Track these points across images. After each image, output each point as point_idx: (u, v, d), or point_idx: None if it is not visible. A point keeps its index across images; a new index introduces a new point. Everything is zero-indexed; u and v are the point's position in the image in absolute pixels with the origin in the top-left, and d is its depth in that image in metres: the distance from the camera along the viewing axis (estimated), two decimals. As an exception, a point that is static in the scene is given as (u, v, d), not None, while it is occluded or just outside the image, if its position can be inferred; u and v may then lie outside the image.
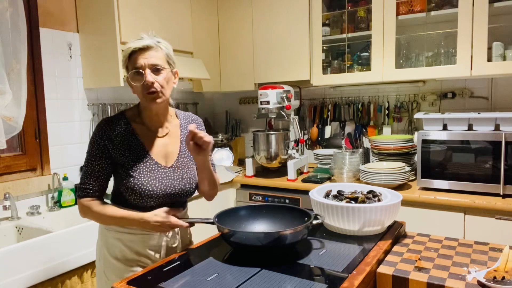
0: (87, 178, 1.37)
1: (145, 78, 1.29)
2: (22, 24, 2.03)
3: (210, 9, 3.07)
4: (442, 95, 2.65)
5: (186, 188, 1.43)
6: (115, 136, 1.36)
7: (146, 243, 1.39)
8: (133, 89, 1.36)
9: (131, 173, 1.35)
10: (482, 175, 2.06)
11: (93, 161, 1.37)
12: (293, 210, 1.40)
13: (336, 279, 1.05)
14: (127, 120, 1.40)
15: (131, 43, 1.33)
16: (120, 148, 1.36)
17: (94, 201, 1.36)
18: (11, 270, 1.65)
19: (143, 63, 1.30)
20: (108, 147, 1.36)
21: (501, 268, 1.08)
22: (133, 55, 1.31)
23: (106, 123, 1.38)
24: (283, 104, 2.61)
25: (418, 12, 2.40)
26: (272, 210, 1.42)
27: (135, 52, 1.30)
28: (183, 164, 1.44)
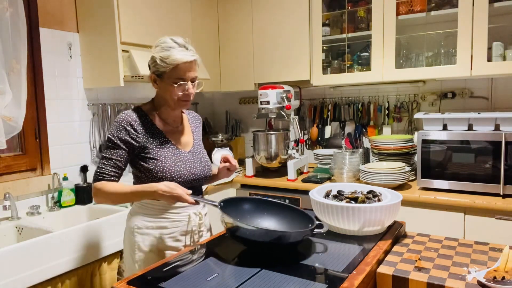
0: (105, 164, 1.45)
1: (188, 90, 1.46)
2: (22, 24, 2.03)
3: (210, 9, 3.07)
4: (442, 95, 2.65)
5: (205, 170, 1.61)
6: (137, 125, 1.47)
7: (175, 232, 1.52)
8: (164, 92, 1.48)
9: (158, 158, 1.47)
10: (482, 175, 2.06)
11: (113, 148, 1.46)
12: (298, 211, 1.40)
13: (336, 279, 1.05)
14: (145, 113, 1.53)
15: (178, 52, 1.43)
16: (144, 135, 1.48)
17: (107, 183, 1.44)
18: (11, 270, 1.65)
19: (188, 75, 1.45)
20: (131, 135, 1.46)
21: (501, 268, 1.08)
22: (180, 66, 1.43)
23: (126, 114, 1.49)
24: (283, 104, 2.61)
25: (418, 12, 2.40)
26: (277, 207, 1.43)
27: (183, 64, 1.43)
28: (198, 150, 1.62)
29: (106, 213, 2.23)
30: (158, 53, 1.44)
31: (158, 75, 1.47)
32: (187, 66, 1.44)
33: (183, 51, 1.43)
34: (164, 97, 1.50)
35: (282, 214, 1.41)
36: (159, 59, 1.43)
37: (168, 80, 1.45)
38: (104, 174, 1.44)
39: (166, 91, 1.48)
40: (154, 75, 1.48)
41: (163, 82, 1.47)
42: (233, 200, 1.40)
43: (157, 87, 1.51)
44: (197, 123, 1.73)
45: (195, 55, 1.46)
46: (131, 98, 2.86)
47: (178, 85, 1.44)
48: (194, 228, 1.56)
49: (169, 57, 1.42)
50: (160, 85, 1.49)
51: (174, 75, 1.43)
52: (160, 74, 1.46)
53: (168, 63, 1.42)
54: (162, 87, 1.48)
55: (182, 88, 1.46)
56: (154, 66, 1.47)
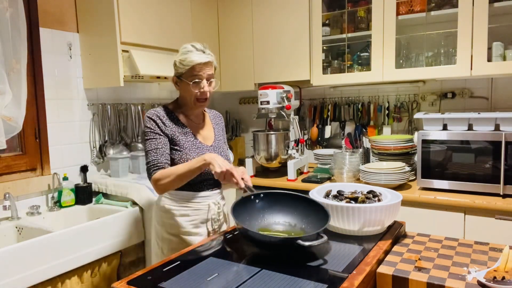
0: (153, 155, 1.58)
1: (203, 88, 1.61)
2: (22, 24, 2.03)
3: (210, 9, 3.07)
4: (442, 95, 2.65)
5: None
6: (164, 119, 1.64)
7: (196, 220, 1.66)
8: (184, 91, 1.64)
9: (184, 151, 1.63)
10: (482, 175, 2.06)
11: (154, 140, 1.60)
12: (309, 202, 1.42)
13: (336, 279, 1.05)
14: (170, 110, 1.69)
15: (194, 55, 1.58)
16: (170, 128, 1.64)
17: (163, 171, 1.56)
18: (11, 270, 1.65)
19: (202, 74, 1.60)
20: (162, 128, 1.62)
21: (501, 268, 1.08)
22: (195, 66, 1.59)
23: (155, 110, 1.66)
24: (283, 104, 2.61)
25: (418, 12, 2.40)
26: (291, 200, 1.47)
27: (197, 65, 1.58)
28: (219, 145, 1.77)
29: (106, 213, 2.23)
30: (178, 57, 1.62)
31: (178, 77, 1.64)
32: (201, 66, 1.59)
33: (199, 54, 1.59)
34: (184, 97, 1.67)
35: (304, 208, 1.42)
36: (178, 61, 1.61)
37: (186, 80, 1.61)
38: (158, 164, 1.57)
39: (185, 91, 1.64)
40: (175, 77, 1.66)
41: (183, 83, 1.63)
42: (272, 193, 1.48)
43: (178, 88, 1.68)
44: (218, 120, 1.87)
45: (209, 57, 1.62)
46: (131, 98, 2.86)
47: (193, 83, 1.60)
48: (213, 217, 1.70)
49: (186, 59, 1.59)
50: (180, 86, 1.66)
51: (190, 74, 1.60)
52: (180, 76, 1.63)
53: (185, 64, 1.59)
54: (182, 88, 1.65)
55: (198, 86, 1.61)
56: (175, 69, 1.64)
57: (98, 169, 2.66)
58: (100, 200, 2.40)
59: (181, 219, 1.65)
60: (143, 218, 2.28)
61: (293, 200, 1.45)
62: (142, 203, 2.24)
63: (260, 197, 1.47)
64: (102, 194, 2.44)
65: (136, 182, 2.37)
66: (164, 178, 1.54)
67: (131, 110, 2.79)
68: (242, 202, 1.42)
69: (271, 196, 1.48)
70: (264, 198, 1.47)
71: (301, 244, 1.15)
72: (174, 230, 1.66)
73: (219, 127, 1.85)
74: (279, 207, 1.45)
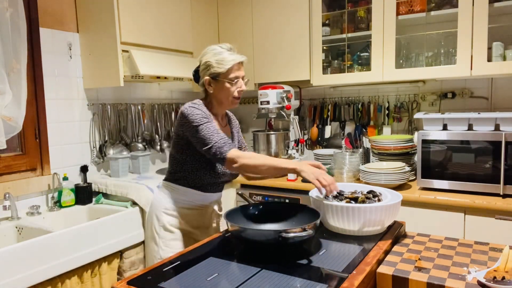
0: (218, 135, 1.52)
1: (241, 86, 1.63)
2: (22, 24, 2.03)
3: (210, 9, 3.07)
4: (442, 95, 2.65)
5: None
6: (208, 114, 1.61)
7: (200, 217, 1.69)
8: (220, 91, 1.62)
9: None
10: (482, 175, 2.06)
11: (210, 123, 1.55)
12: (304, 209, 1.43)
13: (336, 279, 1.05)
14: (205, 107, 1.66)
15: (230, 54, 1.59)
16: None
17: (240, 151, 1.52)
18: (11, 270, 1.65)
19: (240, 74, 1.63)
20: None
21: (501, 268, 1.08)
22: (234, 65, 1.60)
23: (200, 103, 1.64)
24: (283, 104, 2.61)
25: (418, 12, 2.40)
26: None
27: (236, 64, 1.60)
28: (239, 148, 1.80)
29: (106, 213, 2.23)
30: (212, 57, 1.60)
31: (213, 77, 1.61)
32: (238, 65, 1.62)
33: (233, 54, 1.61)
34: (219, 97, 1.65)
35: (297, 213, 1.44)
36: (215, 61, 1.59)
37: (225, 80, 1.60)
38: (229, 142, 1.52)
39: (221, 91, 1.62)
40: (209, 78, 1.62)
41: (219, 83, 1.61)
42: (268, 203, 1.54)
43: (211, 89, 1.64)
44: (235, 124, 1.87)
45: (244, 56, 1.64)
46: (131, 98, 2.86)
47: (235, 83, 1.61)
48: (214, 218, 1.73)
49: (225, 59, 1.58)
50: (215, 86, 1.63)
51: (229, 74, 1.60)
52: (216, 76, 1.61)
53: (224, 63, 1.58)
54: (217, 88, 1.63)
55: (237, 85, 1.63)
56: (208, 70, 1.61)
57: (98, 169, 2.66)
58: (100, 200, 2.40)
59: (182, 215, 1.67)
60: (143, 218, 2.27)
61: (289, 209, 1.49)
62: (142, 203, 2.24)
63: (256, 207, 1.51)
64: (102, 194, 2.44)
65: (136, 182, 2.37)
66: (246, 158, 1.46)
67: (131, 110, 2.80)
68: (238, 209, 1.46)
69: (266, 205, 1.53)
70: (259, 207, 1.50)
71: (285, 236, 1.15)
72: (174, 226, 1.66)
73: (237, 129, 1.86)
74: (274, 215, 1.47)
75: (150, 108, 2.96)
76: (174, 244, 1.65)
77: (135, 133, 2.83)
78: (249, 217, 1.46)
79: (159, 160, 3.14)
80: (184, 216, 1.67)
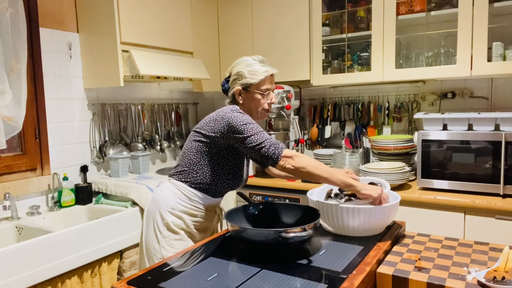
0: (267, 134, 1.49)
1: (272, 99, 1.65)
2: (22, 24, 2.03)
3: (210, 9, 3.07)
4: (442, 95, 2.65)
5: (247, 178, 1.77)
6: None
7: (202, 222, 1.66)
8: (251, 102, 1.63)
9: (240, 156, 1.63)
10: (482, 175, 2.06)
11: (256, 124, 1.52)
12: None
13: (336, 279, 1.05)
14: None
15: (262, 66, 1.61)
16: None
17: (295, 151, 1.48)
18: (11, 270, 1.65)
19: (272, 87, 1.65)
20: None
21: (501, 268, 1.08)
22: (266, 77, 1.61)
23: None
24: (283, 104, 2.61)
25: (418, 12, 2.40)
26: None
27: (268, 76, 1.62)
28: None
29: (106, 213, 2.24)
30: (245, 68, 1.61)
31: (245, 88, 1.62)
32: (270, 78, 1.63)
33: (265, 66, 1.63)
34: (248, 108, 1.64)
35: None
36: (248, 72, 1.60)
37: (256, 91, 1.61)
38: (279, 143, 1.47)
39: (252, 102, 1.63)
40: (240, 89, 1.63)
41: (250, 93, 1.62)
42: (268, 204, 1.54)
43: (242, 99, 1.65)
44: None
45: (275, 69, 1.65)
46: (131, 98, 2.86)
47: (267, 94, 1.63)
48: (219, 223, 1.73)
49: (258, 71, 1.60)
50: (245, 96, 1.64)
51: (261, 85, 1.61)
52: (248, 86, 1.62)
53: (258, 75, 1.60)
54: (248, 98, 1.63)
55: (268, 97, 1.64)
56: (240, 80, 1.62)
57: (98, 169, 2.66)
58: (100, 200, 2.40)
59: (187, 217, 1.63)
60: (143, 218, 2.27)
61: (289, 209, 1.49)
62: (142, 203, 2.24)
63: (256, 207, 1.51)
64: (102, 194, 2.44)
65: (136, 182, 2.37)
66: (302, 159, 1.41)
67: (131, 110, 2.80)
68: (238, 209, 1.46)
69: (266, 205, 1.52)
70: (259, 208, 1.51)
71: (285, 236, 1.15)
72: (178, 226, 1.63)
73: None
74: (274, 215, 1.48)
75: (150, 108, 2.96)
76: (177, 244, 1.61)
77: (135, 133, 2.83)
78: (249, 217, 1.46)
79: (159, 160, 3.14)
80: (189, 218, 1.64)
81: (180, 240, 1.62)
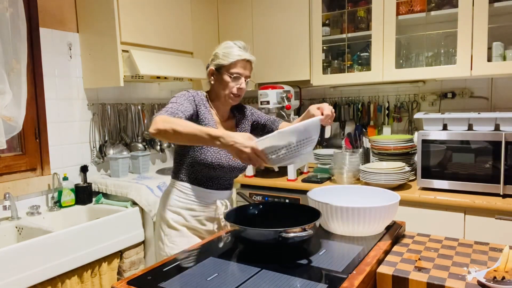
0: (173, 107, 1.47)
1: (240, 84, 1.61)
2: (22, 24, 2.03)
3: (210, 9, 3.07)
4: (442, 95, 2.65)
5: (242, 164, 1.70)
6: (200, 103, 1.62)
7: (201, 216, 1.67)
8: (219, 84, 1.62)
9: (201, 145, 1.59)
10: (482, 175, 2.06)
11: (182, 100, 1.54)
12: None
13: (336, 279, 1.05)
14: (207, 99, 1.67)
15: (238, 50, 1.59)
16: (203, 113, 1.61)
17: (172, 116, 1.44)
18: (11, 270, 1.65)
19: (243, 72, 1.61)
20: (196, 105, 1.60)
21: (501, 268, 1.08)
22: (238, 62, 1.59)
23: (196, 93, 1.64)
24: (283, 104, 2.61)
25: (418, 12, 2.40)
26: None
27: (241, 60, 1.59)
28: None
29: (106, 213, 2.23)
30: (221, 50, 1.61)
31: (217, 69, 1.62)
32: (244, 63, 1.60)
33: (242, 51, 1.60)
34: (217, 91, 1.64)
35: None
36: (221, 54, 1.59)
37: (226, 73, 1.59)
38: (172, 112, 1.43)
39: (221, 84, 1.62)
40: (213, 69, 1.63)
41: (220, 75, 1.61)
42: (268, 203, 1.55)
43: (213, 80, 1.65)
44: (247, 119, 1.80)
45: (252, 56, 1.63)
46: (131, 98, 2.86)
47: (234, 78, 1.59)
48: (220, 216, 1.68)
49: (232, 53, 1.58)
50: (216, 78, 1.63)
51: (231, 68, 1.59)
52: (220, 68, 1.61)
53: (229, 57, 1.58)
54: (217, 80, 1.63)
55: (237, 82, 1.60)
56: (214, 61, 1.62)
57: (98, 169, 2.66)
58: (100, 200, 2.40)
59: (186, 212, 1.65)
60: (143, 218, 2.28)
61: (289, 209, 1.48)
62: (142, 203, 2.24)
63: (256, 207, 1.50)
64: (102, 194, 2.44)
65: (136, 182, 2.38)
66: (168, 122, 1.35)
67: (131, 110, 2.80)
68: (238, 209, 1.45)
69: (266, 205, 1.52)
70: (259, 208, 1.50)
71: (285, 236, 1.15)
72: (178, 223, 1.65)
73: (245, 123, 1.78)
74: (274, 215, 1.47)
75: (150, 108, 2.96)
76: (179, 241, 1.63)
77: (135, 133, 2.83)
78: (249, 217, 1.46)
79: (159, 160, 3.14)
80: (187, 213, 1.66)
81: (181, 236, 1.64)
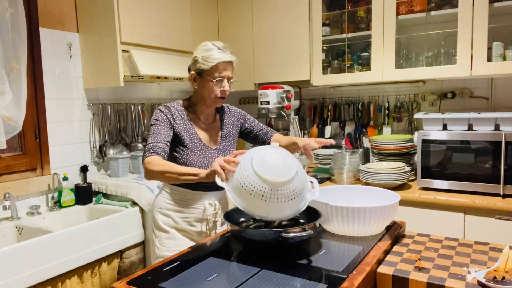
0: (154, 139, 1.56)
1: (224, 87, 1.62)
2: (22, 24, 2.03)
3: (210, 9, 3.07)
4: (442, 95, 2.65)
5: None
6: (176, 117, 1.64)
7: (190, 218, 1.67)
8: (203, 88, 1.62)
9: (185, 151, 1.63)
10: (482, 175, 2.06)
11: (160, 127, 1.59)
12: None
13: (336, 279, 1.05)
14: (183, 108, 1.69)
15: (218, 52, 1.58)
16: (179, 127, 1.63)
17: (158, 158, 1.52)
18: (11, 270, 1.65)
19: (225, 74, 1.61)
20: (168, 118, 1.63)
21: (501, 268, 1.08)
22: (219, 64, 1.58)
23: (167, 106, 1.66)
24: (283, 104, 2.61)
25: (418, 12, 2.40)
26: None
27: (221, 63, 1.59)
28: (224, 147, 1.75)
29: (106, 213, 2.23)
30: (200, 53, 1.60)
31: (199, 73, 1.62)
32: (225, 65, 1.60)
33: (222, 52, 1.59)
34: (202, 94, 1.65)
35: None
36: (201, 58, 1.59)
37: (208, 77, 1.60)
38: (155, 148, 1.53)
39: (204, 88, 1.63)
40: (195, 74, 1.63)
41: (203, 79, 1.62)
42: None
43: (196, 85, 1.65)
44: (233, 119, 1.83)
45: (232, 57, 1.63)
46: (131, 98, 2.86)
47: (216, 81, 1.59)
48: (209, 218, 1.69)
49: (210, 56, 1.57)
50: (199, 82, 1.63)
51: (213, 72, 1.59)
52: (201, 72, 1.61)
53: (209, 61, 1.57)
54: (201, 84, 1.63)
55: (220, 85, 1.61)
56: (195, 65, 1.62)
57: (98, 169, 2.66)
58: (100, 200, 2.40)
59: (174, 214, 1.68)
60: (143, 218, 2.27)
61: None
62: (142, 203, 2.24)
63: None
64: (102, 194, 2.44)
65: (136, 182, 2.37)
66: (155, 165, 1.48)
67: (131, 110, 2.79)
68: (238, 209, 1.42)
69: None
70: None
71: (285, 236, 1.15)
72: (167, 225, 1.68)
73: (231, 126, 1.80)
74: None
75: (150, 108, 2.96)
76: (168, 243, 1.66)
77: (135, 133, 2.83)
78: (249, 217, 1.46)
79: (159, 160, 3.14)
80: (176, 215, 1.68)
81: (170, 239, 1.67)
